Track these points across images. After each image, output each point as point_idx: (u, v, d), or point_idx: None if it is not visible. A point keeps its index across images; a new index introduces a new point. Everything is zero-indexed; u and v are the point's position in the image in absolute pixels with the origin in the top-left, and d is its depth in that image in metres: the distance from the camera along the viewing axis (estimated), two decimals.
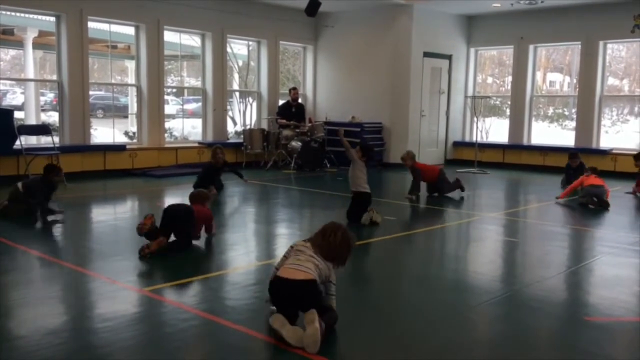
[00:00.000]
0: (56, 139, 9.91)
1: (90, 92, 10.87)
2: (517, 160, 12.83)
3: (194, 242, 5.36)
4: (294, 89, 12.67)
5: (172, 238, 5.19)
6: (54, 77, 10.47)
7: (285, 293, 3.34)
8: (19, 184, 6.77)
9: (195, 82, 13.39)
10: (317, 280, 3.33)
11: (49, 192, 6.86)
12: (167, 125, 12.33)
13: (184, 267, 4.82)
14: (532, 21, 12.65)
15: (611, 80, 13.21)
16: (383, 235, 6.09)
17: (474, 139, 13.31)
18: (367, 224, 6.34)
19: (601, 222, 7.32)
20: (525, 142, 13.18)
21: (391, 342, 3.31)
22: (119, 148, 10.61)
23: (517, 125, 13.22)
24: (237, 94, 13.82)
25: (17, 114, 10.70)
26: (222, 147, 8.79)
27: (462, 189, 8.55)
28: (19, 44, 12.15)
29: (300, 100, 12.91)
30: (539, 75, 13.88)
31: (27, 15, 10.71)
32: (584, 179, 8.22)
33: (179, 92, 14.65)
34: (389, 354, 3.15)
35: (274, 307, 3.43)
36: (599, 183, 8.06)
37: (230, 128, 13.26)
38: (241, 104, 13.70)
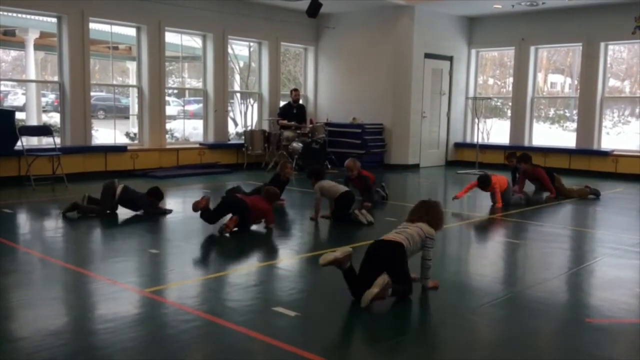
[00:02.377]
0: (57, 140, 9.92)
1: (92, 93, 10.88)
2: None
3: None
4: (296, 90, 12.67)
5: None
6: (55, 78, 10.48)
7: (376, 250, 4.02)
8: (119, 187, 6.85)
9: (196, 83, 13.40)
10: (404, 245, 3.97)
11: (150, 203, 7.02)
12: (168, 126, 12.34)
13: (185, 268, 4.83)
14: (533, 22, 12.65)
15: (612, 82, 13.21)
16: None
17: (475, 140, 13.32)
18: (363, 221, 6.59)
19: (602, 224, 7.33)
20: (526, 143, 13.18)
21: (392, 344, 3.31)
22: (120, 149, 10.61)
23: (518, 126, 13.21)
24: (238, 95, 13.83)
25: (19, 115, 10.71)
26: (291, 162, 8.45)
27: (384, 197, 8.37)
28: (21, 45, 12.16)
29: (301, 102, 12.92)
30: (540, 76, 13.88)
31: (28, 16, 10.72)
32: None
33: (180, 93, 14.65)
34: (390, 355, 3.15)
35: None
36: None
37: (231, 129, 13.26)
38: (242, 105, 13.70)
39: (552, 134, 13.84)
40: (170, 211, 7.10)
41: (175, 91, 15.01)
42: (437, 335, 3.49)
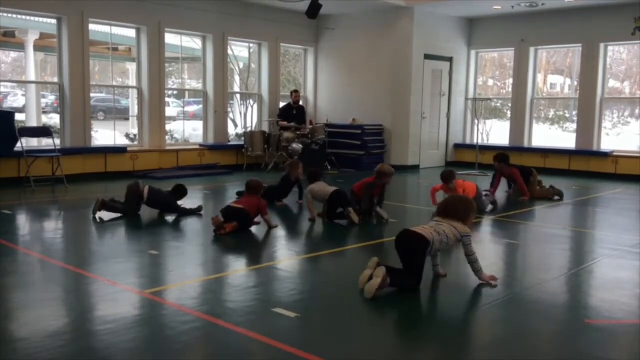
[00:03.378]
0: (57, 141, 9.91)
1: (91, 94, 10.89)
2: (517, 162, 12.64)
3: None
4: (296, 91, 12.68)
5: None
6: (55, 79, 10.49)
7: (401, 239, 4.23)
8: (145, 188, 6.87)
9: (196, 84, 13.40)
10: (429, 239, 4.12)
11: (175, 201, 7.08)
12: (167, 127, 12.34)
13: (185, 269, 4.83)
14: (532, 23, 12.66)
15: (612, 83, 13.22)
16: (384, 237, 6.09)
17: (475, 141, 13.32)
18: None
19: (602, 224, 7.33)
20: (525, 144, 13.18)
21: (392, 344, 3.31)
22: (119, 150, 10.61)
23: (517, 127, 13.22)
24: (238, 96, 13.83)
25: (18, 116, 10.72)
26: (301, 162, 8.20)
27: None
28: (20, 46, 12.17)
29: (300, 102, 12.92)
30: (539, 77, 13.88)
31: (28, 17, 10.72)
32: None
33: (180, 94, 14.65)
34: (389, 356, 3.15)
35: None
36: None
37: (231, 130, 13.27)
38: (242, 106, 13.71)
39: (552, 135, 13.84)
40: (200, 208, 7.09)
41: (175, 92, 15.02)
42: (437, 336, 3.49)
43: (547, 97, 15.13)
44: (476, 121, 13.25)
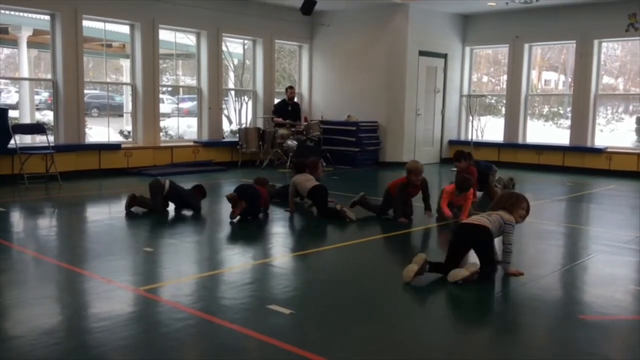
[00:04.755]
0: (51, 138, 9.87)
1: (85, 91, 10.85)
2: (512, 158, 12.85)
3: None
4: (291, 88, 12.67)
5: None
6: (49, 76, 10.45)
7: (462, 232, 4.47)
8: (167, 182, 6.97)
9: (190, 81, 13.37)
10: (490, 228, 4.35)
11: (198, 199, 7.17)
12: (162, 124, 12.31)
13: (179, 266, 4.82)
14: (527, 20, 12.67)
15: (606, 79, 13.26)
16: (379, 234, 6.10)
17: (470, 137, 13.34)
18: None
19: (596, 221, 7.35)
20: (520, 140, 13.21)
21: (388, 342, 3.32)
22: (114, 147, 10.58)
23: (512, 123, 13.25)
24: (233, 92, 13.80)
25: (12, 113, 10.66)
26: (323, 161, 8.01)
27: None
28: (14, 43, 12.11)
29: (296, 99, 12.91)
30: (534, 74, 13.92)
31: (21, 14, 10.67)
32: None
33: (174, 90, 14.61)
34: (386, 353, 3.16)
35: None
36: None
37: (226, 127, 13.24)
38: (237, 102, 13.68)
39: (546, 131, 13.88)
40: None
41: (170, 89, 14.97)
42: (432, 332, 3.50)
43: (541, 93, 15.16)
44: (471, 118, 13.26)
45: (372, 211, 6.91)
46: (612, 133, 13.11)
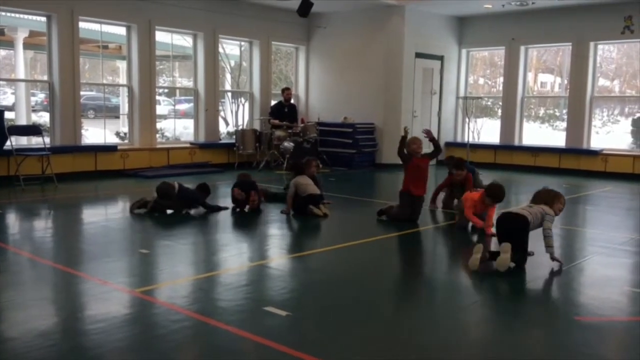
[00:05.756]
0: (47, 140, 9.86)
1: (81, 93, 10.82)
2: (508, 160, 12.88)
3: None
4: (287, 89, 12.67)
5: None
6: (45, 78, 10.42)
7: (505, 221, 4.84)
8: (175, 183, 7.14)
9: (187, 83, 13.36)
10: (528, 218, 4.72)
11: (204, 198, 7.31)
12: (158, 125, 12.30)
13: (175, 268, 4.81)
14: (523, 22, 12.70)
15: (602, 81, 13.29)
16: (377, 235, 6.10)
17: (466, 139, 13.36)
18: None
19: (592, 222, 7.36)
20: (516, 142, 13.24)
21: (385, 342, 3.32)
22: (110, 149, 10.56)
23: (508, 125, 13.27)
24: (229, 94, 13.80)
25: (8, 115, 10.62)
26: (317, 159, 8.08)
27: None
28: (10, 44, 12.07)
29: (292, 101, 12.91)
30: (530, 76, 13.93)
31: (17, 15, 10.64)
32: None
33: (171, 92, 14.60)
34: (384, 355, 3.15)
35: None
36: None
37: (223, 129, 13.24)
38: (233, 104, 13.68)
39: (542, 134, 13.90)
40: (227, 208, 7.30)
41: (166, 90, 14.97)
42: (429, 334, 3.50)
43: (537, 95, 15.19)
44: (467, 120, 13.28)
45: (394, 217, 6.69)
46: (608, 135, 13.14)
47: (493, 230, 5.71)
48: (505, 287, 4.43)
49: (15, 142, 9.28)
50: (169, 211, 6.98)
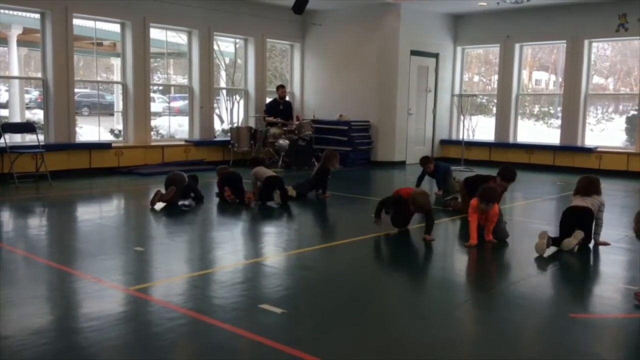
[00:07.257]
0: (41, 137, 9.83)
1: (76, 90, 10.79)
2: (503, 158, 12.88)
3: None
4: (282, 87, 12.65)
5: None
6: (39, 75, 10.38)
7: (571, 213, 5.41)
8: (185, 175, 7.51)
9: (181, 80, 13.32)
10: (593, 210, 5.37)
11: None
12: (153, 123, 12.26)
13: (171, 265, 4.81)
14: (518, 20, 12.72)
15: (596, 79, 13.32)
16: (371, 233, 6.10)
17: (461, 137, 13.37)
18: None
19: None
20: (511, 140, 13.26)
21: (380, 340, 3.32)
22: (104, 146, 10.53)
23: (503, 123, 13.29)
24: (224, 91, 13.77)
25: (2, 112, 10.59)
26: (337, 154, 8.26)
27: None
28: (3, 41, 11.99)
29: (287, 98, 12.90)
30: (525, 73, 13.96)
31: (11, 12, 10.58)
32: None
33: (166, 89, 14.54)
34: (380, 353, 3.16)
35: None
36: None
37: (217, 126, 13.21)
38: (228, 101, 13.65)
39: (537, 131, 13.93)
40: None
41: (161, 88, 14.90)
42: (423, 331, 3.50)
43: (532, 93, 15.22)
44: (462, 117, 13.30)
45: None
46: (602, 133, 13.17)
47: (492, 237, 5.66)
48: (500, 285, 4.44)
49: (9, 139, 9.25)
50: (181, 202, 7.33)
